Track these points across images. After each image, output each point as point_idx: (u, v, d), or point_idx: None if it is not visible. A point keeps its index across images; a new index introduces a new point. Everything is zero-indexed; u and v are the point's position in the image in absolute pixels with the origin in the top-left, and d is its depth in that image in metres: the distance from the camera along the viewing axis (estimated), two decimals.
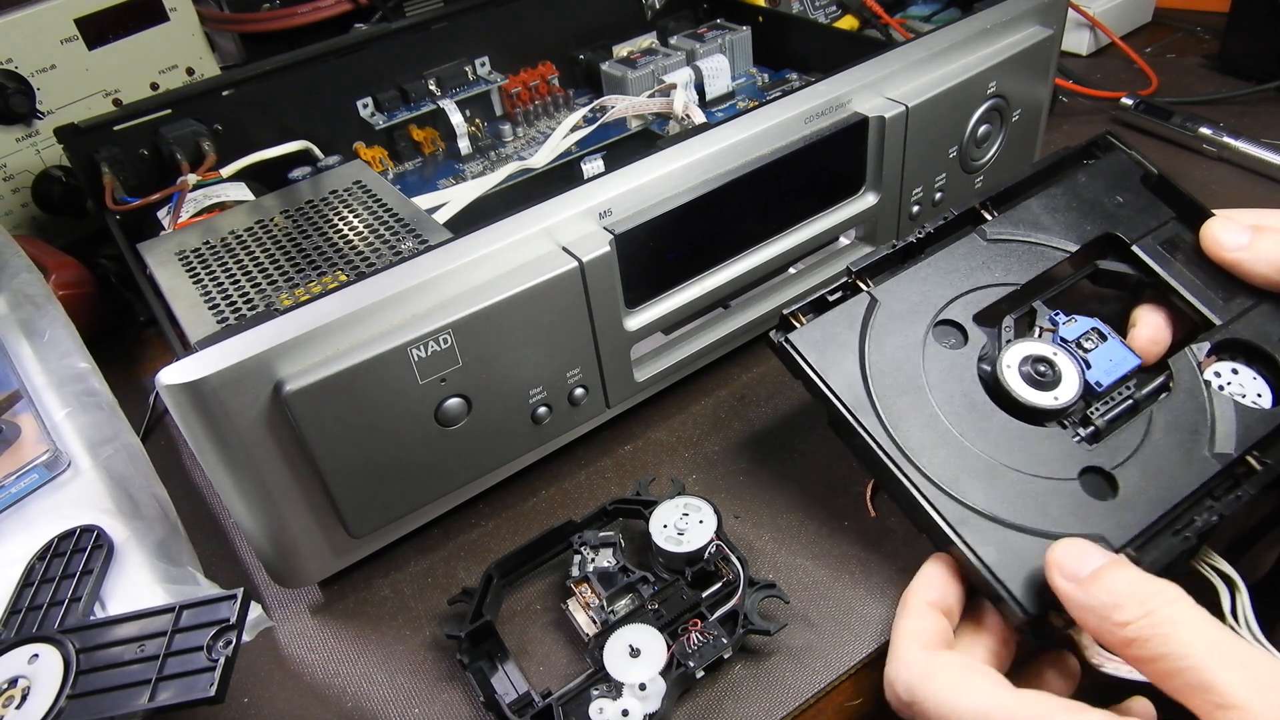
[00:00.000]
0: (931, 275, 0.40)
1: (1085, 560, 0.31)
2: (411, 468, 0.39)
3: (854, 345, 0.38)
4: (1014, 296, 0.41)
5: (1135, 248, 0.42)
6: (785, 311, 0.39)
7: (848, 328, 0.39)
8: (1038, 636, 0.34)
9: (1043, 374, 0.38)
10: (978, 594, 0.35)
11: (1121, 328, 0.42)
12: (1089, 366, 0.39)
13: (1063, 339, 0.40)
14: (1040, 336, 0.40)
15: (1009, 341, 0.39)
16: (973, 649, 0.34)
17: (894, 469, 0.35)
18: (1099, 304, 0.45)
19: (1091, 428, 0.37)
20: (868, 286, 0.40)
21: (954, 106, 0.49)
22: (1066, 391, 0.38)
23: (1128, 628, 0.29)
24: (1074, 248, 0.42)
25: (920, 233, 0.41)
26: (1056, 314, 0.41)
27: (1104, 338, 0.40)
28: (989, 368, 0.38)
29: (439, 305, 0.37)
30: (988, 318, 0.40)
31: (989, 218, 0.42)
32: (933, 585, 0.35)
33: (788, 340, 0.38)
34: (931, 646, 0.33)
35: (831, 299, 0.39)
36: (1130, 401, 0.38)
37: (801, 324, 0.39)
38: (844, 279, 0.40)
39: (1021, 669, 0.35)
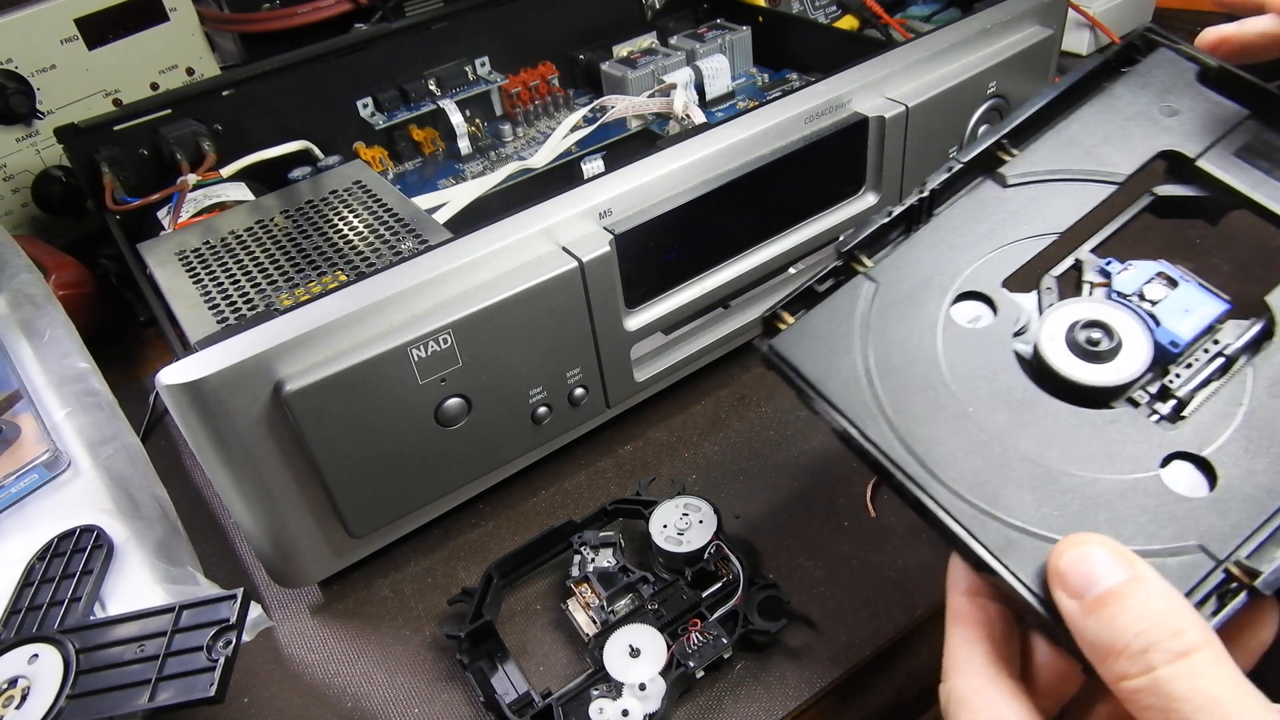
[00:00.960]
0: (943, 240, 0.33)
1: (1094, 574, 0.24)
2: (411, 468, 0.39)
3: (852, 342, 0.31)
4: (1053, 250, 0.33)
5: (1201, 162, 0.33)
6: (765, 313, 0.32)
7: (843, 321, 0.31)
8: None
9: (1095, 342, 0.29)
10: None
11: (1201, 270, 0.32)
12: (1157, 323, 0.30)
13: (1119, 293, 0.31)
14: (1091, 294, 0.32)
15: (1050, 306, 0.31)
16: (1025, 678, 0.28)
17: (915, 490, 0.28)
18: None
19: (1173, 401, 0.29)
20: (864, 267, 0.32)
21: (954, 106, 0.49)
22: (1131, 361, 0.29)
23: (1123, 683, 0.23)
24: (1124, 175, 0.33)
25: (922, 191, 0.33)
26: (1109, 262, 0.32)
27: (1174, 283, 0.31)
28: (1029, 344, 0.30)
29: (439, 305, 0.37)
30: (1022, 282, 0.32)
31: (1008, 158, 0.34)
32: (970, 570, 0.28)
33: (772, 348, 0.31)
34: (983, 652, 0.27)
35: (821, 289, 0.32)
36: (1221, 359, 0.29)
37: (788, 325, 0.32)
38: (834, 263, 0.33)
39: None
